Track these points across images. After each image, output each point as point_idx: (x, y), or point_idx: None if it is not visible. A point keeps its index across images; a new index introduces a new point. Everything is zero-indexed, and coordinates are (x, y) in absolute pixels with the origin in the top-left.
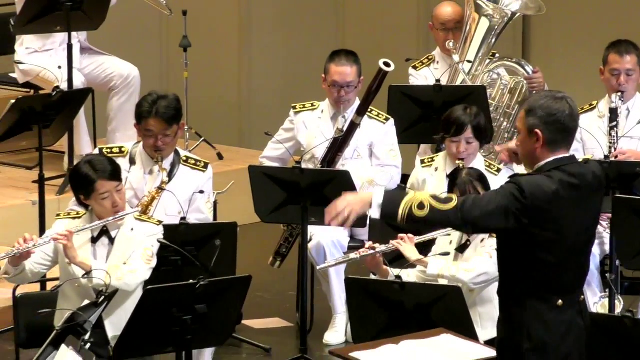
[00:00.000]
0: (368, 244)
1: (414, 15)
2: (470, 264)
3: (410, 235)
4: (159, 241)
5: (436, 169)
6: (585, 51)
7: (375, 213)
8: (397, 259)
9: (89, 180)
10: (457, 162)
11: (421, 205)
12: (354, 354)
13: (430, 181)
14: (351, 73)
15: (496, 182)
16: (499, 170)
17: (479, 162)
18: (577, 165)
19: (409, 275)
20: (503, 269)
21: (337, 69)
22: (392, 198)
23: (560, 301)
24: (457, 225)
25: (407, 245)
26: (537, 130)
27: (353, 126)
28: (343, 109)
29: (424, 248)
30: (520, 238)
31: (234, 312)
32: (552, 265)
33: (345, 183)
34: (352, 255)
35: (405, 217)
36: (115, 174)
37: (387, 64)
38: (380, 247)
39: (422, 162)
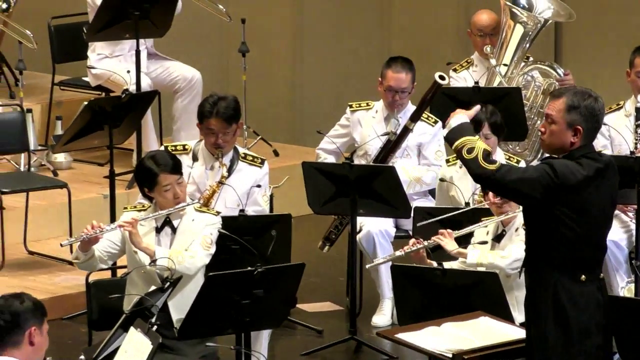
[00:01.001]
0: (412, 240)
1: (454, 22)
2: (506, 251)
3: (449, 230)
4: (219, 231)
5: (460, 166)
6: (613, 55)
7: (445, 130)
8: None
9: (152, 174)
10: None
11: (470, 150)
12: (399, 335)
13: (456, 177)
14: (406, 79)
15: None
16: (518, 161)
17: (499, 155)
18: (598, 154)
19: (450, 267)
20: (530, 245)
21: (394, 75)
22: (462, 129)
23: (583, 276)
24: (488, 183)
25: (447, 239)
26: (579, 127)
27: (406, 131)
28: (397, 112)
29: (463, 241)
30: (547, 215)
31: (289, 296)
32: (576, 241)
33: (390, 178)
34: (398, 252)
35: (455, 149)
36: (176, 167)
37: (442, 77)
38: (424, 243)
39: (447, 161)
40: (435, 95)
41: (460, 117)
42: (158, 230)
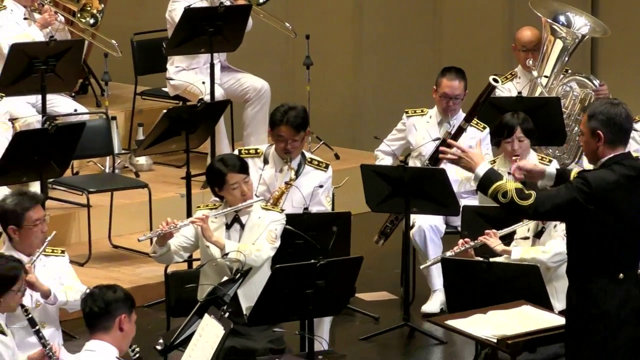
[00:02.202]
0: (460, 241)
1: (499, 37)
2: (547, 246)
3: (494, 230)
4: (286, 227)
5: (497, 169)
6: None
7: (473, 180)
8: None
9: (221, 174)
10: (513, 157)
11: (505, 195)
12: (449, 322)
13: None
14: (459, 87)
15: (548, 170)
16: (550, 161)
17: (532, 157)
18: (633, 159)
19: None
20: (571, 249)
21: (448, 83)
22: (490, 177)
23: (621, 275)
24: (529, 218)
25: (492, 239)
26: (599, 132)
27: (460, 130)
28: (450, 117)
29: (506, 239)
30: (586, 222)
31: (348, 286)
32: (612, 244)
33: (441, 179)
34: (448, 253)
35: (491, 196)
36: (243, 167)
37: (495, 80)
38: (471, 243)
39: (493, 162)
40: (489, 96)
41: (483, 165)
42: (228, 226)
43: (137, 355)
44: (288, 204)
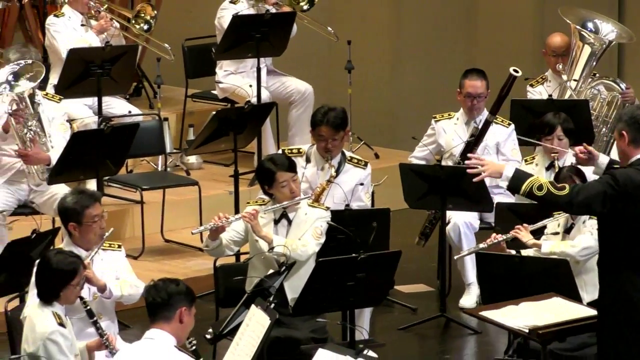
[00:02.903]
0: (493, 234)
1: (530, 43)
2: (576, 241)
3: (525, 225)
4: (327, 223)
5: (536, 165)
6: None
7: (503, 183)
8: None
9: (271, 172)
10: (552, 155)
11: (540, 187)
12: (483, 313)
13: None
14: (481, 86)
15: (601, 158)
16: None
17: (570, 155)
18: None
19: (528, 254)
20: (602, 242)
21: (470, 83)
22: (520, 175)
23: None
24: (564, 208)
25: (524, 233)
26: (623, 132)
27: (487, 124)
28: (475, 115)
29: (537, 233)
30: (616, 216)
31: (388, 279)
32: None
33: (474, 176)
34: (481, 245)
35: (526, 192)
36: (291, 167)
37: (516, 71)
38: (503, 237)
39: (525, 160)
40: (511, 87)
41: (509, 166)
42: (276, 221)
43: (194, 347)
44: (330, 200)
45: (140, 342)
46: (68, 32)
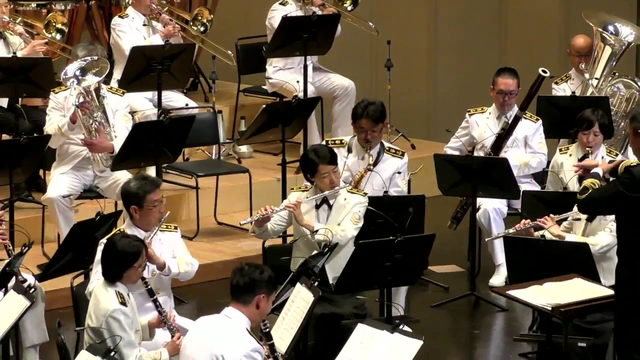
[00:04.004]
0: (522, 221)
1: (556, 43)
2: (596, 238)
3: (551, 215)
4: (368, 208)
5: (570, 155)
6: None
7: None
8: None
9: (314, 164)
10: (587, 149)
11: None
12: (510, 292)
13: (565, 164)
14: (513, 84)
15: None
16: (617, 154)
17: (602, 149)
18: None
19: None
20: (620, 234)
21: (503, 81)
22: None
23: None
24: (584, 210)
25: (549, 222)
26: (639, 130)
27: (517, 119)
28: (506, 110)
29: (561, 222)
30: (631, 211)
31: (422, 260)
32: None
33: (504, 167)
34: (510, 230)
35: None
36: (332, 159)
37: (544, 71)
38: (531, 224)
39: (560, 150)
40: (539, 86)
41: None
42: (317, 207)
43: (268, 329)
44: (369, 187)
45: (218, 316)
46: (131, 32)
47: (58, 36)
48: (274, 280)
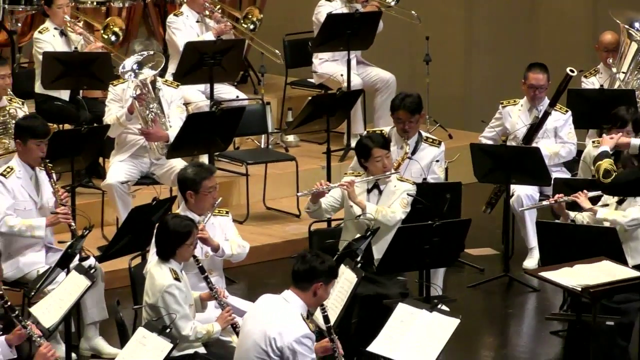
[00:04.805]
0: (557, 195)
1: (584, 39)
2: (627, 212)
3: (585, 191)
4: (408, 194)
5: (597, 146)
6: None
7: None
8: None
9: (368, 148)
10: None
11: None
12: (542, 273)
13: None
14: (543, 79)
15: (633, 142)
16: None
17: (634, 141)
18: None
19: (583, 218)
20: None
21: (534, 76)
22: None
23: None
24: (609, 192)
25: (582, 198)
26: None
27: (546, 114)
28: (537, 103)
29: (594, 200)
30: None
31: (459, 243)
32: None
33: (536, 156)
34: (545, 202)
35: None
36: (385, 144)
37: (572, 71)
38: (564, 198)
39: (593, 142)
40: (567, 84)
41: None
42: (369, 191)
43: (326, 313)
44: (407, 174)
45: (277, 298)
46: (186, 29)
47: (113, 38)
48: (335, 270)
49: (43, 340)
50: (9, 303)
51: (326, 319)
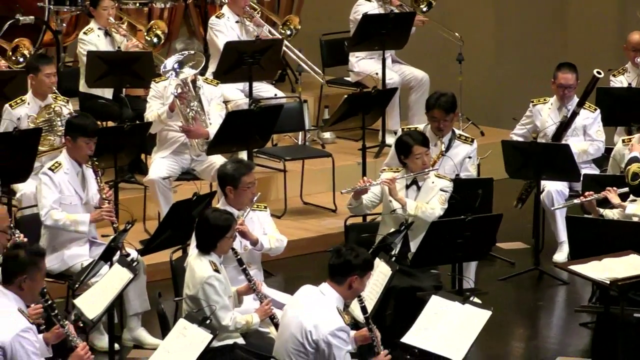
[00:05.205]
0: (587, 192)
1: (612, 39)
2: None
3: (614, 187)
4: (445, 190)
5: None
6: None
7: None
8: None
9: (408, 145)
10: None
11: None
12: (571, 267)
13: (626, 154)
14: (572, 78)
15: None
16: None
17: None
18: None
19: (613, 214)
20: None
21: (563, 75)
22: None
23: None
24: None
25: (612, 194)
26: None
27: (574, 114)
28: (566, 102)
29: (623, 196)
30: None
31: (490, 237)
32: None
33: (566, 153)
34: (576, 200)
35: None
36: (425, 142)
37: (599, 72)
38: (595, 195)
39: (623, 141)
40: (595, 86)
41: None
42: (407, 187)
43: (364, 304)
44: (441, 171)
45: (314, 291)
46: (227, 31)
47: (155, 40)
48: (370, 263)
49: (79, 340)
50: (49, 302)
51: (364, 309)
